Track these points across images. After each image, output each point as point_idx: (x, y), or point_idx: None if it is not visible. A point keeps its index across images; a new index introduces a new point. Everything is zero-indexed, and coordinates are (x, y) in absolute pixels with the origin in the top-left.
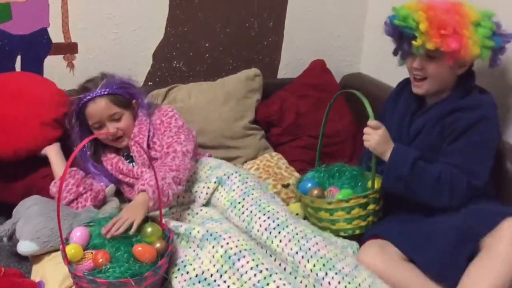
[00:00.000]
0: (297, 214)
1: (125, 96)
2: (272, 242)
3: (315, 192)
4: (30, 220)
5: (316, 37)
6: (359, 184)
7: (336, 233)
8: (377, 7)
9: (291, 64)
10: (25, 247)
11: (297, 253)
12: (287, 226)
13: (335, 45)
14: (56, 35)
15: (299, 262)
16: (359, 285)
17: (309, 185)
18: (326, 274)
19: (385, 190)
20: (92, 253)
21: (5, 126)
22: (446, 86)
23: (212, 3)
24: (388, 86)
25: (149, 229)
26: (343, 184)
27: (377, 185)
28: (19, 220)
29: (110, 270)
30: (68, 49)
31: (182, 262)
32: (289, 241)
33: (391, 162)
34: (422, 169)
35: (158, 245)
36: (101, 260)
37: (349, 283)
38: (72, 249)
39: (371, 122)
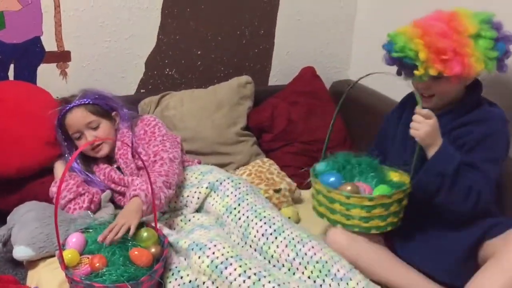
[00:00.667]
0: (289, 218)
1: (103, 106)
2: (269, 247)
3: (348, 188)
4: (26, 225)
5: (305, 45)
6: (385, 177)
7: (368, 230)
8: (365, 15)
9: (282, 71)
10: (20, 252)
11: (294, 259)
12: (283, 231)
13: (324, 53)
14: (49, 44)
15: (297, 269)
16: None
17: (333, 178)
18: (324, 281)
19: (419, 183)
20: (88, 257)
21: (6, 144)
22: (455, 98)
23: (203, 12)
24: (376, 92)
25: (145, 234)
26: (368, 178)
27: (399, 178)
28: (14, 226)
29: (106, 274)
30: (61, 57)
31: (176, 267)
32: (286, 246)
33: (438, 157)
34: (462, 174)
35: (153, 249)
36: (97, 264)
37: None
38: (69, 254)
39: (422, 110)
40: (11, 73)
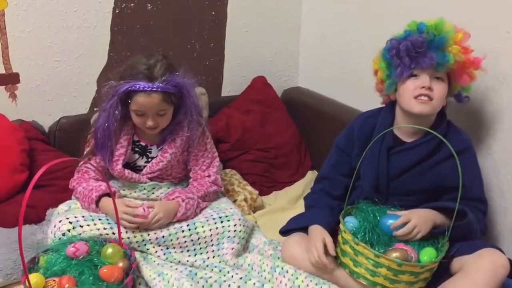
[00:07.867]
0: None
1: (176, 94)
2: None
3: (395, 254)
4: None
5: (255, 55)
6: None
7: None
8: (310, 24)
9: (234, 81)
10: None
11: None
12: None
13: (273, 62)
14: None
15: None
16: None
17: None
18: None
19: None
20: (54, 280)
21: None
22: (434, 116)
23: (152, 28)
24: (324, 97)
25: (110, 250)
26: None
27: None
28: None
29: None
30: (10, 79)
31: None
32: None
33: (457, 233)
34: (474, 225)
35: (121, 264)
36: (67, 285)
37: None
38: (34, 279)
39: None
40: None
